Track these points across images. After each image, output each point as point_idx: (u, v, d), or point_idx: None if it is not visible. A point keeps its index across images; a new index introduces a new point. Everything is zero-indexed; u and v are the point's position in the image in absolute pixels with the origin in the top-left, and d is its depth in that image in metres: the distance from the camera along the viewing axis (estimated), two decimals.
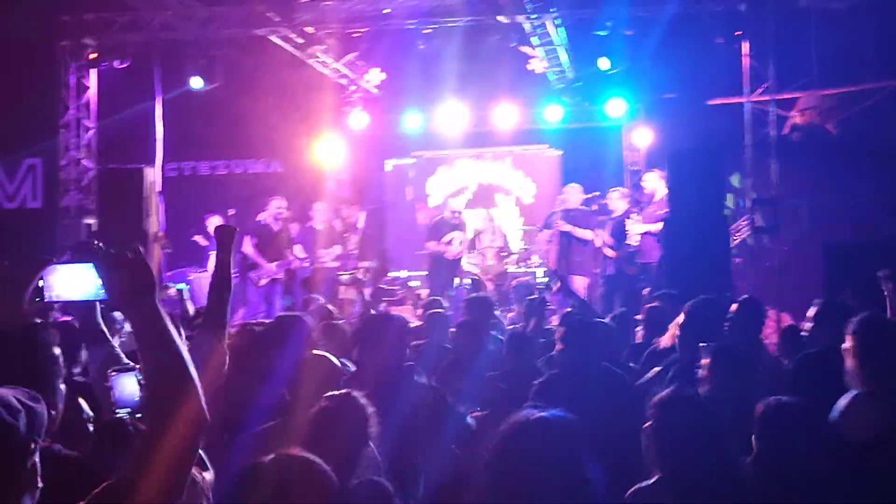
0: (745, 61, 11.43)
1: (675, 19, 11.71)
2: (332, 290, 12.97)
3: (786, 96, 11.97)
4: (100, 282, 2.18)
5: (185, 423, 2.04)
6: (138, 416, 3.32)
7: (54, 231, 12.66)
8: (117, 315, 5.47)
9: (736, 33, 11.38)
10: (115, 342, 4.23)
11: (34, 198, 14.97)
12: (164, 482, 2.00)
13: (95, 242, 2.17)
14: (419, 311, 10.58)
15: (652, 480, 3.29)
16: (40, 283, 2.41)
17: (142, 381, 3.36)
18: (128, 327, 4.56)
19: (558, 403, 2.85)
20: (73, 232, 12.55)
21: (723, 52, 11.75)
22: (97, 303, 3.68)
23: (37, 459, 2.14)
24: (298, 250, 13.43)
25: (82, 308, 4.04)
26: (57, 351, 3.06)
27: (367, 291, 13.35)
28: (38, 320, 3.35)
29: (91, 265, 2.23)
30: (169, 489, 2.01)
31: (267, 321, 5.64)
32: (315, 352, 4.42)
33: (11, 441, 2.07)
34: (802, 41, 11.95)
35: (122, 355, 3.95)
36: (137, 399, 3.33)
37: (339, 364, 4.41)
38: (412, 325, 6.24)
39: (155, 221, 12.24)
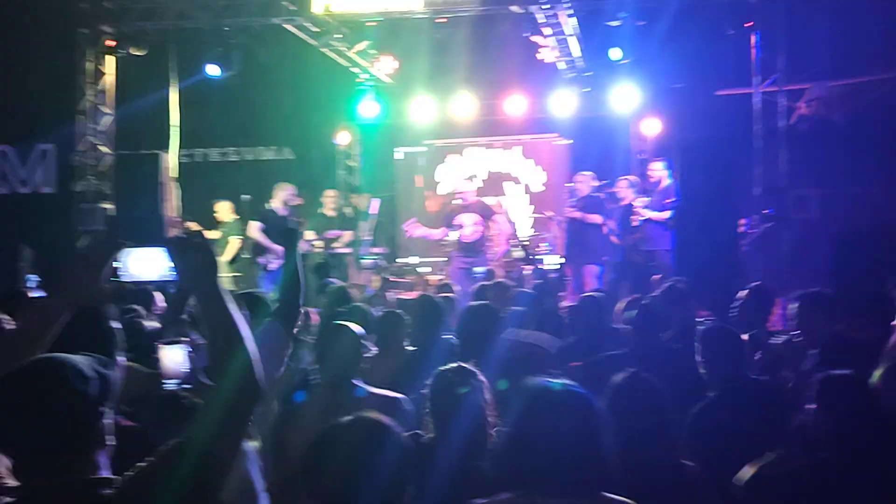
0: (755, 52, 11.55)
1: (685, 9, 11.82)
2: (344, 276, 13.13)
3: (795, 87, 12.08)
4: (170, 263, 2.38)
5: (243, 392, 2.24)
6: (185, 386, 3.50)
7: (68, 216, 12.80)
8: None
9: (746, 24, 11.49)
10: None
11: (47, 183, 15.11)
12: (223, 445, 2.19)
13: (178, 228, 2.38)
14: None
15: None
16: (116, 264, 2.60)
17: (190, 355, 3.56)
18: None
19: None
20: (89, 217, 12.70)
21: (732, 42, 11.86)
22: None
23: (107, 421, 2.34)
24: (310, 235, 13.60)
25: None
26: (116, 325, 3.25)
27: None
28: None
29: (163, 248, 2.42)
30: (227, 451, 2.21)
31: None
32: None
33: (80, 405, 2.26)
34: (812, 32, 12.05)
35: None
36: (184, 371, 3.50)
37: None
38: None
39: (171, 207, 12.40)
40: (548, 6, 11.37)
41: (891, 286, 6.20)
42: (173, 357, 3.48)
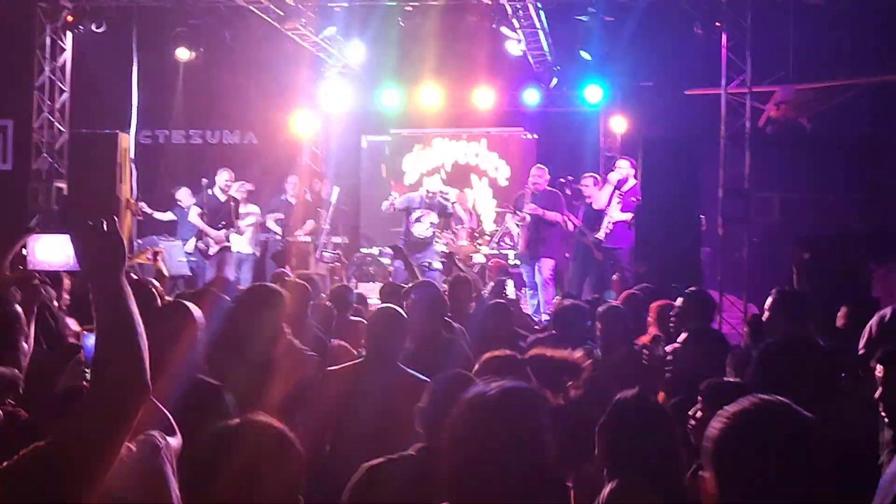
0: (724, 53, 11.47)
1: (655, 7, 11.74)
2: (304, 264, 12.95)
3: (762, 89, 12.02)
4: (72, 250, 2.22)
5: (127, 393, 2.07)
6: None
7: (24, 194, 12.52)
8: None
9: (716, 24, 11.41)
10: None
11: (4, 160, 14.79)
12: (96, 448, 2.01)
13: (68, 213, 2.23)
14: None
15: None
16: (23, 251, 2.46)
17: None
18: None
19: None
20: (43, 196, 12.42)
21: (701, 42, 11.78)
22: None
23: None
24: (272, 223, 13.43)
25: None
26: (19, 310, 3.08)
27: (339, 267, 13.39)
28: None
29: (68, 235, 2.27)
30: (99, 456, 2.01)
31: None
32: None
33: None
34: (780, 35, 12.00)
35: None
36: None
37: None
38: None
39: (127, 188, 12.15)
40: None
41: (872, 267, 6.20)
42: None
